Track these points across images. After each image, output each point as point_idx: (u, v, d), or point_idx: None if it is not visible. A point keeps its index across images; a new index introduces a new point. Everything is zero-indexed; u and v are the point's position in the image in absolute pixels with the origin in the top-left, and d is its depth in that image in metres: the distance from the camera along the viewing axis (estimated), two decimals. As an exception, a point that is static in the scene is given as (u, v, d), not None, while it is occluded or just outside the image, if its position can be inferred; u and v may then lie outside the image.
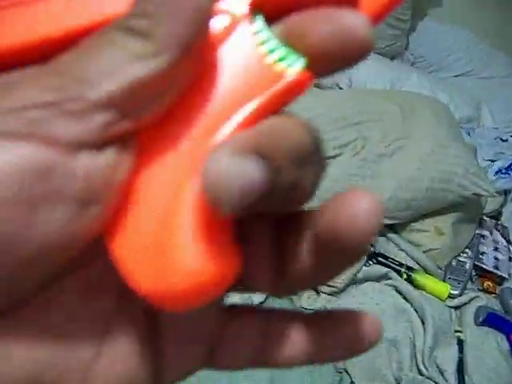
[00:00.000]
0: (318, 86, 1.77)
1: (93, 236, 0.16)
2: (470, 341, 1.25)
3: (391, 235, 1.42)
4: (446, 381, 1.17)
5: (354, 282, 1.31)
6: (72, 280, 0.18)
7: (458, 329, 1.28)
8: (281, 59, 0.17)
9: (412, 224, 1.41)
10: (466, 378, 1.18)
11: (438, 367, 1.20)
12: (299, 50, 0.17)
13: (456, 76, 2.27)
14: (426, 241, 1.41)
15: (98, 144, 0.15)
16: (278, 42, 0.18)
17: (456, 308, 1.36)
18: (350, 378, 1.19)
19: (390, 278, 1.34)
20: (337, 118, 1.39)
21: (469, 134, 1.86)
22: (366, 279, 1.32)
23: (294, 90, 0.18)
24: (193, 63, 0.16)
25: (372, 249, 1.36)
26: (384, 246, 1.40)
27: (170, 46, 0.15)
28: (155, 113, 0.16)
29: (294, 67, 0.17)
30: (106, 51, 0.15)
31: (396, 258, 1.37)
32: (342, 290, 1.30)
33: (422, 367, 1.19)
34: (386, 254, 1.38)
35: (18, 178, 0.14)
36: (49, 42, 0.17)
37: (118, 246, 0.16)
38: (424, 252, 1.41)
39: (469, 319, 1.31)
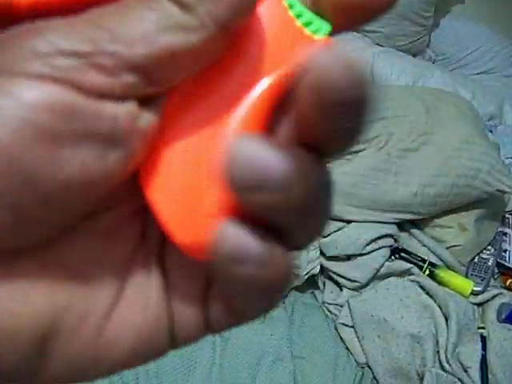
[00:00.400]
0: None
1: (116, 180, 0.16)
2: (493, 338, 1.25)
3: (414, 231, 1.41)
4: (470, 377, 1.16)
5: (377, 277, 1.31)
6: (95, 224, 0.18)
7: (481, 325, 1.28)
8: (307, 24, 0.18)
9: (435, 220, 1.41)
10: (489, 374, 1.17)
11: (461, 364, 1.19)
12: (323, 5, 0.18)
13: (478, 74, 2.25)
14: (448, 237, 1.40)
15: (123, 97, 0.15)
16: (303, 6, 0.18)
17: (479, 305, 1.35)
18: (373, 373, 1.19)
19: (413, 274, 1.33)
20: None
21: (491, 132, 1.85)
22: (388, 275, 1.32)
23: None
24: (228, 40, 0.16)
25: (395, 244, 1.36)
26: (407, 241, 1.40)
27: (211, 23, 0.15)
28: (182, 81, 0.16)
29: (320, 33, 0.18)
30: (147, 13, 0.15)
31: (419, 254, 1.36)
32: (365, 286, 1.30)
33: (445, 363, 1.18)
34: (409, 249, 1.37)
35: (46, 115, 0.14)
36: None
37: (154, 195, 0.17)
38: (447, 248, 1.40)
39: (491, 316, 1.30)
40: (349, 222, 1.31)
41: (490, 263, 1.44)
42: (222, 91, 0.18)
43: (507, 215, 1.59)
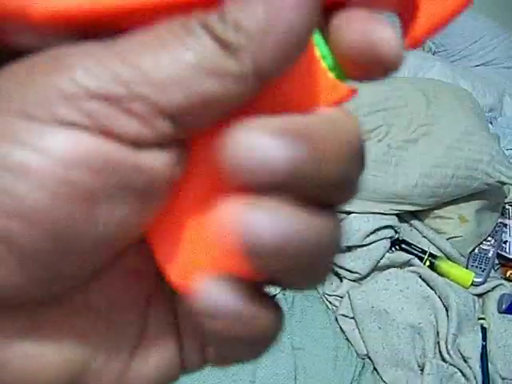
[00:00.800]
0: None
1: (145, 229, 0.16)
2: (494, 328, 1.25)
3: (414, 222, 1.41)
4: (470, 368, 1.17)
5: (377, 268, 1.31)
6: (117, 266, 0.18)
7: (482, 316, 1.28)
8: (331, 68, 0.17)
9: (435, 211, 1.40)
10: (489, 365, 1.18)
11: (461, 354, 1.19)
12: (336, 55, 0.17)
13: (478, 65, 2.24)
14: (449, 228, 1.40)
15: (157, 145, 0.14)
16: (328, 48, 0.17)
17: (479, 296, 1.35)
18: (373, 364, 1.19)
19: (413, 265, 1.33)
20: (361, 105, 1.39)
21: (491, 124, 1.85)
22: (388, 266, 1.32)
23: (341, 102, 0.17)
24: (264, 88, 0.15)
25: (395, 235, 1.35)
26: (407, 232, 1.40)
27: (252, 72, 0.14)
28: (213, 124, 0.15)
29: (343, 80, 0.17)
30: (183, 52, 0.14)
31: (419, 245, 1.36)
32: (365, 277, 1.30)
33: (445, 354, 1.19)
34: (409, 240, 1.37)
35: (81, 172, 0.13)
36: (115, 10, 0.14)
37: (157, 240, 0.17)
38: (447, 239, 1.40)
39: (492, 307, 1.31)
40: (349, 213, 1.31)
41: (490, 254, 1.44)
42: None
43: (507, 206, 1.59)
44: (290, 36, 0.14)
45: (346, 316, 1.25)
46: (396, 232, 1.36)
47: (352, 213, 1.31)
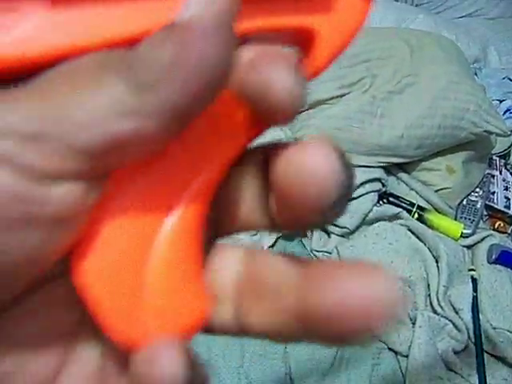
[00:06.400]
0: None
1: (60, 255, 0.16)
2: (484, 279, 1.25)
3: (402, 175, 1.39)
4: (462, 319, 1.16)
5: (365, 222, 1.29)
6: (39, 294, 0.18)
7: (472, 267, 1.27)
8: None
9: (422, 163, 1.38)
10: (480, 315, 1.17)
11: (452, 306, 1.19)
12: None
13: (461, 17, 2.22)
14: (436, 180, 1.38)
15: (68, 178, 0.14)
16: None
17: (468, 247, 1.34)
18: (364, 319, 1.18)
19: (402, 218, 1.31)
20: (344, 56, 1.33)
21: (476, 75, 1.83)
22: (377, 219, 1.30)
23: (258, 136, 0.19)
24: (183, 128, 0.15)
25: (383, 189, 1.33)
26: (394, 185, 1.38)
27: (168, 112, 0.14)
28: (130, 164, 0.16)
29: None
30: (98, 94, 0.14)
31: (407, 198, 1.34)
32: (354, 231, 1.28)
33: (436, 306, 1.18)
34: (397, 193, 1.35)
35: None
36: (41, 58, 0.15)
37: (85, 277, 0.16)
38: (435, 191, 1.38)
39: (482, 258, 1.30)
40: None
41: (478, 205, 1.43)
42: (174, 166, 0.17)
43: (494, 157, 1.58)
44: (202, 68, 0.14)
45: (335, 272, 1.23)
46: (383, 185, 1.33)
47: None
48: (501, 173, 1.56)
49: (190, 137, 0.17)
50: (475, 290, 1.22)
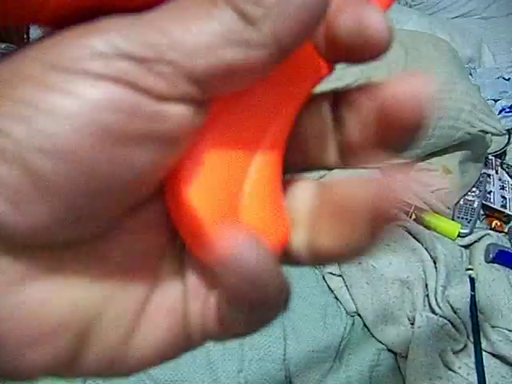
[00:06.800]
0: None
1: (164, 175, 0.17)
2: (482, 278, 1.25)
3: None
4: (460, 319, 1.16)
5: (363, 224, 1.29)
6: (132, 220, 0.18)
7: (469, 267, 1.27)
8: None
9: (419, 164, 1.39)
10: (478, 315, 1.17)
11: (451, 306, 1.19)
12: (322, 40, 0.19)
13: (455, 17, 2.22)
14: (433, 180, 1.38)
15: (180, 100, 0.15)
16: None
17: (466, 247, 1.34)
18: (363, 321, 1.18)
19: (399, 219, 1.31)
20: (338, 59, 1.35)
21: (471, 75, 1.83)
22: (374, 221, 1.30)
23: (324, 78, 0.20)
24: (286, 58, 0.16)
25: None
26: (391, 187, 1.37)
27: (274, 42, 0.15)
28: (235, 91, 0.17)
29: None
30: (209, 22, 0.15)
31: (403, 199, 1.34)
32: (352, 233, 1.28)
33: (435, 306, 1.17)
34: (394, 195, 1.35)
35: (111, 115, 0.14)
36: None
37: (186, 197, 0.17)
38: (431, 192, 1.38)
39: (479, 257, 1.30)
40: (330, 168, 1.28)
41: (475, 205, 1.43)
42: (261, 103, 0.19)
43: (490, 157, 1.59)
44: (305, 8, 0.15)
45: (333, 274, 1.23)
46: (380, 187, 1.33)
47: (334, 168, 1.28)
48: (497, 172, 1.57)
49: (274, 77, 0.19)
50: (473, 289, 1.21)
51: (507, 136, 1.65)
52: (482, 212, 1.47)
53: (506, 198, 1.50)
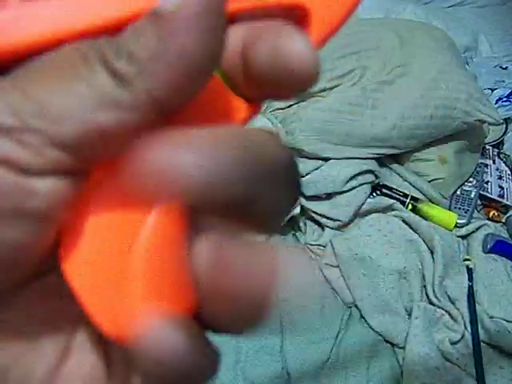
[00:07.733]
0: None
1: (46, 249, 0.16)
2: (479, 269, 1.24)
3: (394, 166, 1.39)
4: (458, 309, 1.16)
5: (359, 214, 1.29)
6: (34, 287, 0.17)
7: (467, 257, 1.26)
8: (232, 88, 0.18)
9: (415, 154, 1.38)
10: (476, 305, 1.17)
11: (448, 296, 1.19)
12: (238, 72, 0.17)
13: (451, 6, 2.21)
14: (430, 170, 1.38)
15: (49, 172, 0.14)
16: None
17: (463, 237, 1.33)
18: (360, 312, 1.17)
19: (396, 210, 1.31)
20: (333, 48, 1.34)
21: (467, 64, 1.82)
22: (371, 211, 1.29)
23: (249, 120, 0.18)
24: (166, 119, 0.15)
25: (376, 180, 1.33)
26: (387, 177, 1.37)
27: (150, 103, 0.14)
28: (110, 157, 0.15)
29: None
30: (78, 85, 0.14)
31: (400, 189, 1.34)
32: (348, 224, 1.27)
33: (432, 297, 1.17)
34: (390, 185, 1.34)
35: None
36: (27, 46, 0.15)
37: (71, 269, 0.16)
38: (428, 182, 1.38)
39: (477, 247, 1.29)
40: (326, 159, 1.28)
41: (472, 195, 1.42)
42: None
43: (487, 146, 1.58)
44: (184, 61, 0.14)
45: (330, 265, 1.23)
46: (376, 177, 1.32)
47: (330, 159, 1.27)
48: (494, 162, 1.56)
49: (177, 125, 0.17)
50: (471, 279, 1.21)
51: (504, 125, 1.64)
52: (479, 202, 1.46)
53: (503, 188, 1.49)
